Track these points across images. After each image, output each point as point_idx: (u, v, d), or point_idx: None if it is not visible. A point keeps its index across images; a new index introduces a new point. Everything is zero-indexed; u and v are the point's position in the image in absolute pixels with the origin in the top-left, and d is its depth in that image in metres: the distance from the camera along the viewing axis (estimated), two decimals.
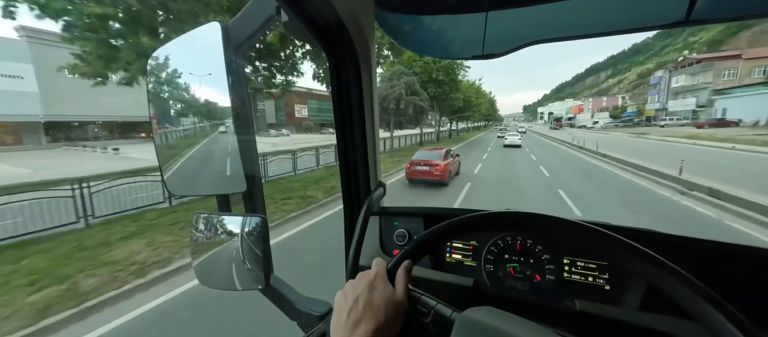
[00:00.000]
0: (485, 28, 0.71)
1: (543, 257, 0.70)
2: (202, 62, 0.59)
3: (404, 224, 0.83)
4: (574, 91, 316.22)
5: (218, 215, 0.68)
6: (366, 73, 0.69)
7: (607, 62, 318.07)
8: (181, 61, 0.61)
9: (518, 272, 0.72)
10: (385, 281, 0.46)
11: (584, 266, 0.67)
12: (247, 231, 0.64)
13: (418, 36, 0.78)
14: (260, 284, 0.64)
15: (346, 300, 0.44)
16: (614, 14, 0.67)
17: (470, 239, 0.77)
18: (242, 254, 0.64)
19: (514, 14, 0.69)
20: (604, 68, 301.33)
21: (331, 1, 0.54)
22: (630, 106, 78.40)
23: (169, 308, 3.21)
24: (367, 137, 0.75)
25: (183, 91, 0.64)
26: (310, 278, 3.61)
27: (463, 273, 0.74)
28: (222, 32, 0.56)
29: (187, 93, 0.63)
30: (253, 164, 0.63)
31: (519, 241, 0.72)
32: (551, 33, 0.72)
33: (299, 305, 0.71)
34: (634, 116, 61.53)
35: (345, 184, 0.80)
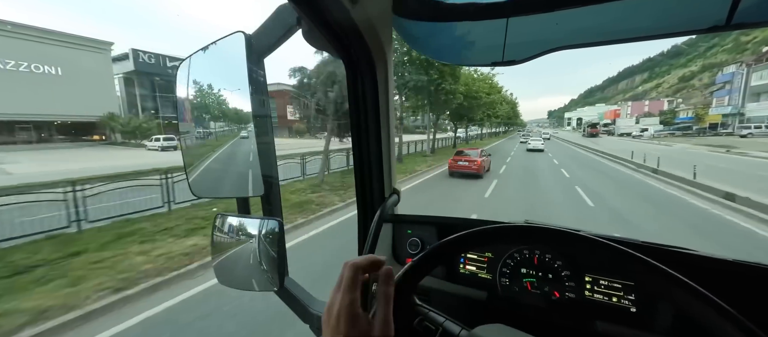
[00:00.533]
0: (506, 34, 0.70)
1: (563, 273, 0.67)
2: (226, 71, 0.63)
3: (417, 232, 0.83)
4: (606, 96, 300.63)
5: (238, 217, 0.71)
6: (382, 80, 0.70)
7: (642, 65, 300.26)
8: (206, 69, 0.66)
9: (535, 288, 0.69)
10: (356, 317, 0.35)
11: (608, 286, 0.63)
12: (264, 233, 0.66)
13: (436, 43, 0.79)
14: (275, 286, 0.66)
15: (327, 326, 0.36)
16: (645, 19, 0.64)
17: (485, 251, 0.75)
18: (259, 255, 0.66)
19: (536, 20, 0.68)
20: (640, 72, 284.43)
21: (350, 11, 0.56)
22: (683, 110, 64.64)
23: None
24: (382, 144, 0.76)
25: (208, 99, 0.68)
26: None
27: (477, 285, 0.73)
28: (245, 42, 0.59)
29: (211, 100, 0.67)
30: (271, 168, 0.65)
31: (537, 255, 0.69)
32: (576, 39, 0.69)
33: (313, 308, 0.73)
34: (692, 123, 50.38)
35: (359, 189, 0.81)
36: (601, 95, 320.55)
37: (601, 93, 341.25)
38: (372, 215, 0.80)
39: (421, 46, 0.81)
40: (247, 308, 3.15)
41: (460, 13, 0.71)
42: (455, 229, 0.69)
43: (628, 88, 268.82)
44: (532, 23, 0.68)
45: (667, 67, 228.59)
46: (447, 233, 0.55)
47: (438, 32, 0.75)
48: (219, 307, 3.22)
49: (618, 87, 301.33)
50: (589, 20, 0.66)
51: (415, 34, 0.77)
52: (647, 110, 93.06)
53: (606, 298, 0.64)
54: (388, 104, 0.75)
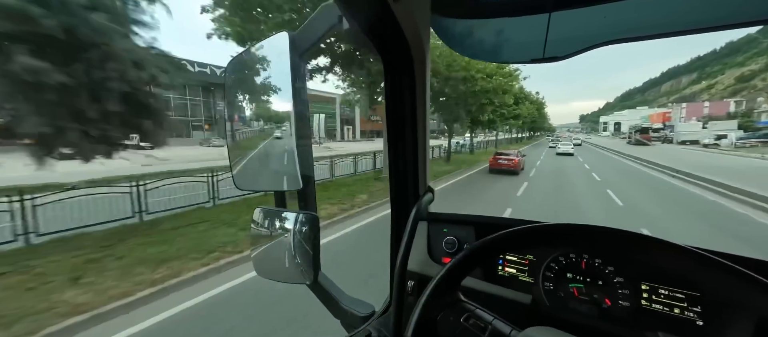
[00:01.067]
0: (547, 29, 0.68)
1: (615, 279, 0.63)
2: (271, 69, 0.67)
3: (454, 232, 0.82)
4: (646, 98, 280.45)
5: (275, 211, 0.74)
6: (420, 79, 0.71)
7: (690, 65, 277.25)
8: (253, 68, 0.70)
9: (583, 294, 0.66)
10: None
11: (669, 295, 0.59)
12: (299, 228, 0.69)
13: (474, 40, 0.78)
14: (309, 280, 0.68)
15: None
16: (699, 10, 0.59)
17: (526, 253, 0.73)
18: (294, 249, 0.69)
19: (581, 14, 0.65)
20: (687, 72, 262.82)
21: (392, 9, 0.57)
22: (765, 112, 54.27)
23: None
24: (418, 142, 0.76)
25: (255, 96, 0.72)
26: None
27: (518, 289, 0.70)
28: (289, 41, 0.63)
29: (257, 97, 0.71)
30: (309, 165, 0.68)
31: (585, 259, 0.66)
32: (626, 33, 0.66)
33: (344, 304, 0.74)
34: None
35: (394, 188, 0.82)
36: (641, 98, 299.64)
37: (641, 96, 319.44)
38: (406, 214, 0.80)
39: (457, 44, 0.81)
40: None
41: (499, 9, 0.70)
42: (494, 228, 0.68)
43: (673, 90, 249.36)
44: (576, 17, 0.66)
45: (721, 66, 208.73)
46: (484, 233, 0.55)
47: (476, 30, 0.75)
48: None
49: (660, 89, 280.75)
50: (640, 12, 0.63)
51: (453, 32, 0.77)
52: (708, 113, 79.12)
53: (666, 308, 0.59)
54: (425, 103, 0.75)
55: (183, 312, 3.26)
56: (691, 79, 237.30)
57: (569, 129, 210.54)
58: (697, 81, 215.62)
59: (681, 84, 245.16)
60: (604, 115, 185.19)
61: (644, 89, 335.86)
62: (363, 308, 0.75)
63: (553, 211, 7.63)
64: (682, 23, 0.62)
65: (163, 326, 3.05)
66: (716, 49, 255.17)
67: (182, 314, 3.24)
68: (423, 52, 0.69)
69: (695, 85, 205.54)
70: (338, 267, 4.21)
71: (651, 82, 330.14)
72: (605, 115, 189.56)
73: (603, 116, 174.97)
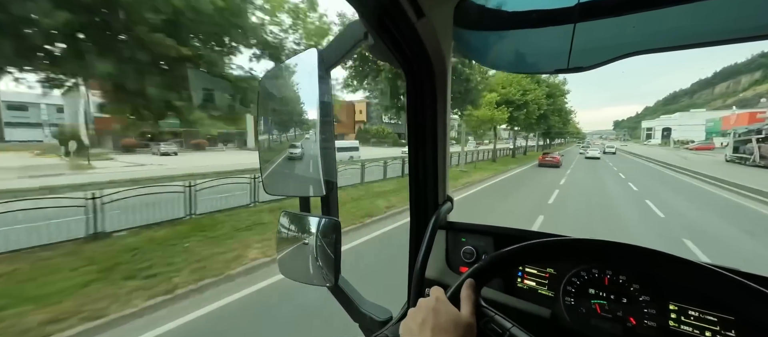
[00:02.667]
0: (572, 40, 0.70)
1: (641, 298, 0.63)
2: (301, 83, 0.74)
3: (472, 242, 0.84)
4: (695, 101, 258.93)
5: (300, 215, 0.81)
6: (441, 90, 0.75)
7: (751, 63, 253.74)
8: (285, 81, 0.77)
9: (606, 311, 0.66)
10: (447, 304, 0.48)
11: (699, 317, 0.58)
12: (322, 232, 0.75)
13: (496, 52, 0.81)
14: (329, 283, 0.73)
15: (411, 329, 0.46)
16: (730, 20, 0.59)
17: (546, 266, 0.74)
18: (316, 252, 0.75)
19: (607, 24, 0.66)
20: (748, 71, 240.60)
21: (415, 25, 0.62)
22: None
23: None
24: (438, 152, 0.80)
25: (284, 107, 0.79)
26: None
27: (538, 302, 0.71)
28: (318, 57, 0.69)
29: (287, 108, 0.78)
30: (332, 172, 0.74)
31: (608, 275, 0.66)
32: (656, 43, 0.66)
33: (363, 308, 0.79)
34: None
35: (413, 196, 0.86)
36: (690, 101, 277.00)
37: (690, 98, 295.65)
38: (425, 222, 0.84)
39: (480, 56, 0.84)
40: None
41: (521, 20, 0.72)
42: (513, 239, 0.69)
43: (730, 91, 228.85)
44: (603, 28, 0.67)
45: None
46: (504, 244, 0.57)
47: (499, 41, 0.78)
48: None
49: (714, 91, 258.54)
50: (671, 22, 0.63)
51: (476, 43, 0.80)
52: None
53: (697, 331, 0.58)
54: (446, 114, 0.79)
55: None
56: (753, 78, 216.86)
57: (601, 136, 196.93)
58: (760, 81, 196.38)
59: (740, 85, 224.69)
60: (646, 120, 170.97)
61: (693, 91, 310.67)
62: (381, 313, 0.79)
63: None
64: (711, 33, 0.62)
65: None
66: None
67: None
68: (444, 64, 0.73)
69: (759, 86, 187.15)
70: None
71: (701, 83, 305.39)
72: (649, 118, 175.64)
73: (646, 121, 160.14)
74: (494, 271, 0.53)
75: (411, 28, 0.61)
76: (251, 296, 3.92)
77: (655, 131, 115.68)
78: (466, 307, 0.48)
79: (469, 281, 0.51)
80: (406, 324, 0.47)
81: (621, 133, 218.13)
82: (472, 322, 0.47)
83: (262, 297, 3.93)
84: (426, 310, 0.47)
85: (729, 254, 5.64)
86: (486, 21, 0.74)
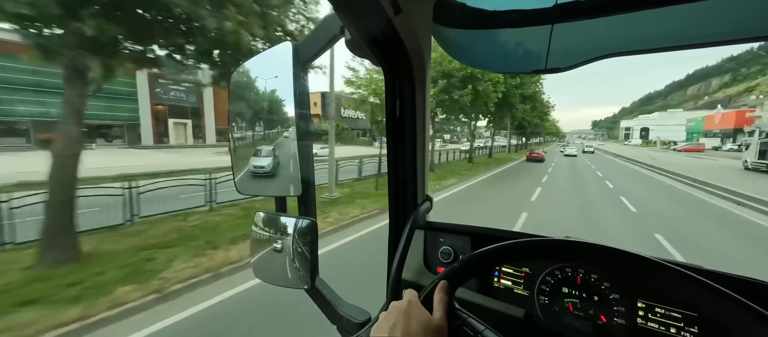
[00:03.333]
0: (550, 41, 0.71)
1: (611, 296, 0.65)
2: (275, 78, 0.71)
3: (450, 242, 0.85)
4: (668, 103, 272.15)
5: (275, 215, 0.79)
6: (420, 88, 0.75)
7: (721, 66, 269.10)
8: (258, 76, 0.75)
9: (578, 310, 0.68)
10: (419, 307, 0.48)
11: (665, 314, 0.61)
12: (299, 232, 0.73)
13: (476, 50, 0.81)
14: (306, 285, 0.72)
15: (381, 333, 0.45)
16: (715, 23, 0.61)
17: (523, 266, 0.76)
18: (293, 253, 0.73)
19: (583, 26, 0.68)
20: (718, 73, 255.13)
21: (393, 20, 0.61)
22: None
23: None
24: (417, 151, 0.80)
25: (257, 103, 0.77)
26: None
27: (513, 302, 0.73)
28: (292, 51, 0.67)
29: (260, 105, 0.76)
30: (309, 171, 0.72)
31: (580, 274, 0.68)
32: (629, 46, 0.69)
33: (341, 310, 0.78)
34: None
35: (392, 196, 0.85)
36: (664, 102, 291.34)
37: (663, 100, 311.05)
38: (404, 222, 0.83)
39: (460, 54, 0.85)
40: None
41: (501, 20, 0.73)
42: (490, 239, 0.70)
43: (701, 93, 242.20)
44: (579, 29, 0.69)
45: (761, 66, 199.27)
46: (482, 244, 0.58)
47: (478, 40, 0.78)
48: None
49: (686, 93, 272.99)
50: (643, 26, 0.65)
51: (456, 42, 0.80)
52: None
53: (662, 328, 0.60)
54: (425, 112, 0.79)
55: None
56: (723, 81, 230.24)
57: (580, 136, 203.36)
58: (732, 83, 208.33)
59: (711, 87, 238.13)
60: (625, 119, 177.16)
61: (667, 93, 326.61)
62: (360, 314, 0.78)
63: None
64: (685, 38, 0.64)
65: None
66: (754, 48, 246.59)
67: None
68: (423, 61, 0.72)
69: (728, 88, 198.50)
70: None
71: (675, 85, 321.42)
72: (627, 119, 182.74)
73: (624, 121, 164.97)
74: (469, 272, 0.54)
75: (388, 23, 0.60)
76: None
77: (633, 131, 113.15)
78: (438, 310, 0.48)
79: (442, 283, 0.51)
80: (378, 328, 0.47)
81: (599, 133, 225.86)
82: (443, 325, 0.47)
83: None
84: (397, 314, 0.46)
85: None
86: (466, 19, 0.74)
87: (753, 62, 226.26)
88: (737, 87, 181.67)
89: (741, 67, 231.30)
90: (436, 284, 0.51)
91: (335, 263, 4.74)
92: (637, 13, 0.61)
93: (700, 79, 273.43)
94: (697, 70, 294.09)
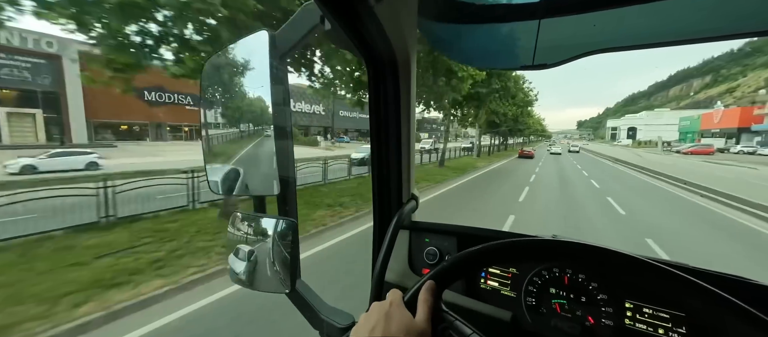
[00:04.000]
0: (537, 36, 0.70)
1: (599, 296, 0.65)
2: (250, 69, 0.68)
3: (436, 242, 0.83)
4: (652, 103, 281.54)
5: (254, 216, 0.75)
6: (405, 82, 0.73)
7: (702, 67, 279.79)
8: (231, 68, 0.71)
9: (566, 311, 0.68)
10: (401, 308, 0.47)
11: (653, 315, 0.61)
12: (278, 234, 0.70)
13: (463, 45, 0.80)
14: (286, 288, 0.69)
15: (361, 335, 0.44)
16: (699, 20, 0.62)
17: (509, 266, 0.75)
18: (272, 256, 0.70)
19: (571, 21, 0.68)
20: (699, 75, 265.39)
21: (374, 9, 0.59)
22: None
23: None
24: (402, 148, 0.78)
25: (231, 97, 0.73)
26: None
27: (500, 304, 0.72)
28: (269, 41, 0.64)
29: (235, 99, 0.72)
30: (288, 169, 0.69)
31: (567, 275, 0.68)
32: (616, 42, 0.68)
33: (323, 314, 0.76)
34: None
35: (377, 195, 0.83)
36: (647, 103, 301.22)
37: (647, 100, 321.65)
38: (389, 221, 0.82)
39: (446, 48, 0.83)
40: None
41: (488, 14, 0.72)
42: (478, 240, 0.69)
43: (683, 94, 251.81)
44: (566, 25, 0.68)
45: (740, 68, 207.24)
46: (468, 244, 0.56)
47: (465, 35, 0.77)
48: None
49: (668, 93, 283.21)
50: (629, 21, 0.65)
51: (441, 36, 0.79)
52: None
53: (650, 329, 0.61)
54: (410, 107, 0.77)
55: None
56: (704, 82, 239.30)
57: (566, 136, 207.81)
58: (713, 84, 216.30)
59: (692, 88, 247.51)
60: (611, 119, 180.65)
61: (650, 93, 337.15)
62: (343, 318, 0.76)
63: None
64: (671, 34, 0.64)
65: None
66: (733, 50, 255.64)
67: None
68: (407, 54, 0.70)
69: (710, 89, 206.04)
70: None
71: (658, 85, 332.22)
72: (613, 118, 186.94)
73: (611, 120, 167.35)
74: (457, 273, 0.52)
75: (369, 11, 0.58)
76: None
77: (620, 131, 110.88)
78: (421, 312, 0.46)
79: (429, 283, 0.49)
80: (357, 329, 0.46)
81: (585, 133, 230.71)
82: (426, 328, 0.45)
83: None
84: (378, 315, 0.45)
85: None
86: (452, 13, 0.73)
87: (733, 64, 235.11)
88: (718, 88, 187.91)
89: (721, 68, 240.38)
90: (422, 285, 0.49)
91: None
92: (624, 8, 0.61)
93: (682, 80, 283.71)
94: (679, 70, 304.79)
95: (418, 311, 0.47)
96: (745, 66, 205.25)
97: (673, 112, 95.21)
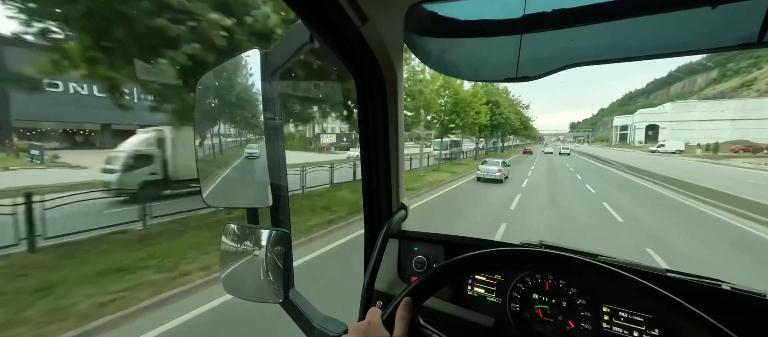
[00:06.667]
0: (519, 50, 0.76)
1: (578, 301, 0.70)
2: (243, 86, 0.73)
3: (424, 251, 0.88)
4: (651, 101, 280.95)
5: (247, 227, 0.80)
6: (392, 95, 0.78)
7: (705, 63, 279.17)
8: (225, 84, 0.76)
9: (548, 315, 0.72)
10: (378, 327, 0.49)
11: (628, 318, 0.66)
12: (271, 244, 0.75)
13: (449, 59, 0.85)
14: (280, 298, 0.73)
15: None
16: (667, 35, 0.67)
17: (494, 273, 0.80)
18: (266, 266, 0.75)
19: (550, 36, 0.73)
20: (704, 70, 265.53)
21: (360, 30, 0.64)
22: None
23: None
24: (390, 159, 0.83)
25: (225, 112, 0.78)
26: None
27: (485, 310, 0.77)
28: (261, 59, 0.69)
29: (228, 114, 0.77)
30: (280, 180, 0.74)
31: (549, 281, 0.73)
32: (592, 56, 0.74)
33: (316, 323, 0.80)
34: None
35: (367, 204, 0.88)
36: (646, 101, 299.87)
37: (646, 98, 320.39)
38: (379, 230, 0.86)
39: (433, 62, 0.88)
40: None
41: (473, 30, 0.77)
42: (464, 248, 0.74)
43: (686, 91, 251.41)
44: (546, 40, 0.74)
45: (753, 60, 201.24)
46: (455, 253, 0.61)
47: (451, 48, 0.82)
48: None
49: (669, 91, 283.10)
50: (605, 37, 0.70)
51: (428, 50, 0.84)
52: None
53: (626, 332, 0.65)
54: (398, 120, 0.82)
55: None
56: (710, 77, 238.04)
57: (559, 138, 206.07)
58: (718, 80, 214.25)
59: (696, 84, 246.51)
60: (618, 116, 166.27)
61: (649, 91, 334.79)
62: (335, 327, 0.81)
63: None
64: (645, 48, 0.70)
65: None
66: None
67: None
68: (393, 69, 0.75)
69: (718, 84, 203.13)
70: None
71: (657, 83, 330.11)
72: (618, 115, 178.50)
73: (618, 117, 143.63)
74: (432, 287, 0.56)
75: (355, 32, 0.63)
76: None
77: (634, 130, 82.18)
78: (399, 329, 0.48)
79: (405, 300, 0.52)
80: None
81: (581, 135, 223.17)
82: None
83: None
84: (355, 336, 0.48)
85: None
86: (438, 28, 0.78)
87: (741, 57, 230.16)
88: (730, 82, 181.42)
89: (728, 63, 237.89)
90: (399, 302, 0.52)
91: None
92: (599, 25, 0.67)
93: (681, 78, 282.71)
94: (681, 66, 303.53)
95: (395, 329, 0.49)
96: (758, 58, 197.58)
97: (703, 103, 70.46)
